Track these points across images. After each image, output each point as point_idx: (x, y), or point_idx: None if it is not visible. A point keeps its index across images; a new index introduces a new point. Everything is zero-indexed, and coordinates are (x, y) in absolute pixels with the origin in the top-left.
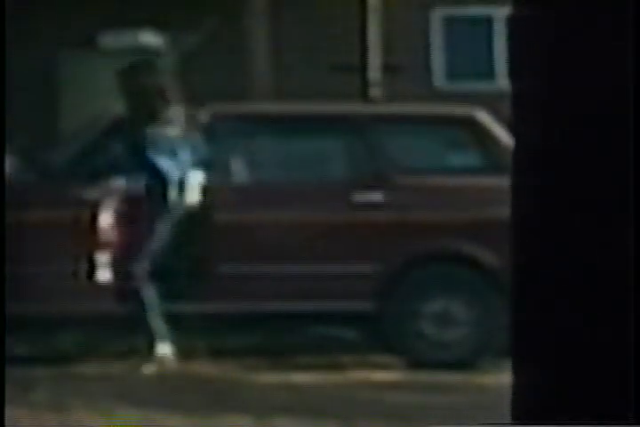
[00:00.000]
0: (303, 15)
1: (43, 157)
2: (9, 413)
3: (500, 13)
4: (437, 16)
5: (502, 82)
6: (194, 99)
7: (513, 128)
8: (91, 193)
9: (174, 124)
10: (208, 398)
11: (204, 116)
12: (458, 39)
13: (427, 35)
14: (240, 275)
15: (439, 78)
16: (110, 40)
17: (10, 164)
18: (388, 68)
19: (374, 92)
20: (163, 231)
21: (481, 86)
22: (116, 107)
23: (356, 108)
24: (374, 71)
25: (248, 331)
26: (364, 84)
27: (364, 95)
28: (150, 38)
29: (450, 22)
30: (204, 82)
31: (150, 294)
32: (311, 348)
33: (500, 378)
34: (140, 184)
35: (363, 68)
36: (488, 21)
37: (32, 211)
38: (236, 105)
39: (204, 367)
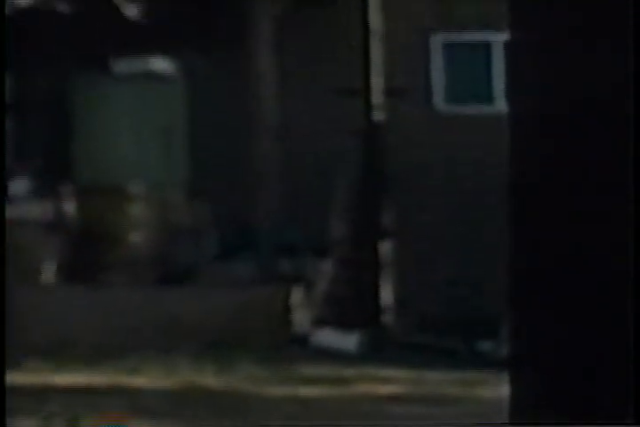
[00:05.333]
0: (307, 41)
1: None
2: None
3: (498, 39)
4: (437, 41)
5: (500, 104)
6: (202, 123)
7: (511, 148)
8: None
9: None
10: (216, 411)
11: None
12: (457, 63)
13: (427, 59)
14: None
15: (439, 101)
16: (123, 66)
17: None
18: (389, 92)
19: (377, 115)
20: None
21: (480, 109)
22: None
23: None
24: (377, 95)
25: None
26: (367, 107)
27: (367, 118)
28: (161, 64)
29: (449, 47)
30: (212, 106)
31: None
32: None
33: (499, 391)
34: None
35: (366, 91)
36: (486, 46)
37: None
38: None
39: (213, 380)
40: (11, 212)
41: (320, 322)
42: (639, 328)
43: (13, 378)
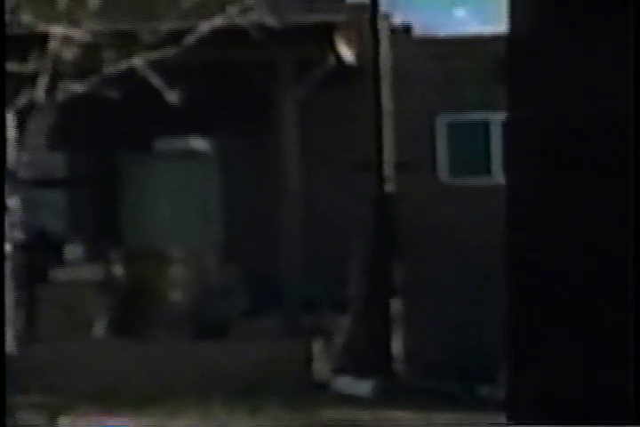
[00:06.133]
0: (326, 121)
1: None
2: None
3: (496, 118)
4: (442, 121)
5: (498, 176)
6: (234, 195)
7: (508, 216)
8: None
9: None
10: None
11: None
12: (459, 140)
13: (433, 136)
14: None
15: (444, 173)
16: (164, 145)
17: None
18: (399, 166)
19: (388, 186)
20: None
21: (480, 181)
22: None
23: None
24: (388, 168)
25: None
26: (380, 179)
27: (379, 189)
28: (198, 143)
29: (452, 126)
30: (243, 180)
31: None
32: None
33: None
34: None
35: (378, 165)
36: (485, 125)
37: None
38: None
39: (244, 423)
40: (66, 274)
41: (338, 370)
42: (639, 330)
43: (68, 421)
